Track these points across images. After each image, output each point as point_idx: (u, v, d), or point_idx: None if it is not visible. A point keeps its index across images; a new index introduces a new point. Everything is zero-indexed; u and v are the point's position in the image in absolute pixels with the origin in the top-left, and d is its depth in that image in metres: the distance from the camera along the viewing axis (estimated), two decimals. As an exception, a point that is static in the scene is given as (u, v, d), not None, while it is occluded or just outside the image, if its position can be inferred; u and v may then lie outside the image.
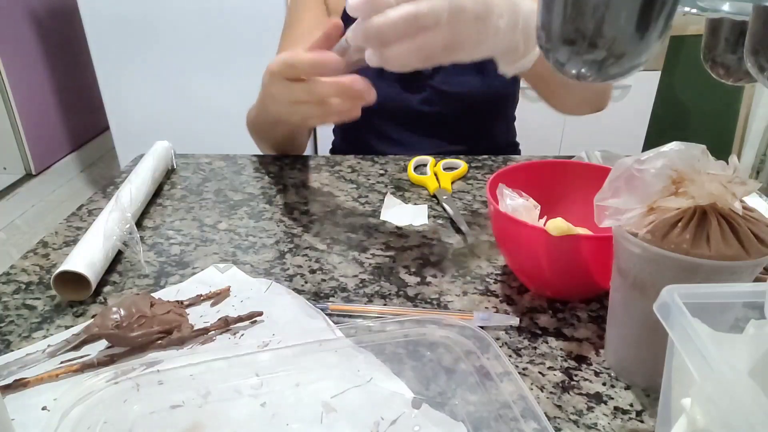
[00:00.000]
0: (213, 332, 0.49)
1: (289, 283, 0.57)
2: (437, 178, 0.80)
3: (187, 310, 0.52)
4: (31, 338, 0.49)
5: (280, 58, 0.55)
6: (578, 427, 0.40)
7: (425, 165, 0.85)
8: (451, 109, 0.95)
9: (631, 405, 0.42)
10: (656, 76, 1.87)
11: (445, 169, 0.84)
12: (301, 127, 0.86)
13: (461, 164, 0.84)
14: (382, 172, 0.85)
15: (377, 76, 0.70)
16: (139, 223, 0.69)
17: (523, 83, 0.92)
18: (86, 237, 0.59)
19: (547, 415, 0.40)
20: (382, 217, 0.70)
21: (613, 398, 0.43)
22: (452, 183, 0.80)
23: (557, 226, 0.48)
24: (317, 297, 0.55)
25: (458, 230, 0.67)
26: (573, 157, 0.87)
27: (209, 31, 1.84)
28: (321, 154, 0.93)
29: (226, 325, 0.49)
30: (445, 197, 0.74)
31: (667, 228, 0.38)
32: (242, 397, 0.41)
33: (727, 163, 0.37)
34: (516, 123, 1.09)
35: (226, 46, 1.85)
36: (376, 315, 0.52)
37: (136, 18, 1.83)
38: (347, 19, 0.50)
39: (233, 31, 1.83)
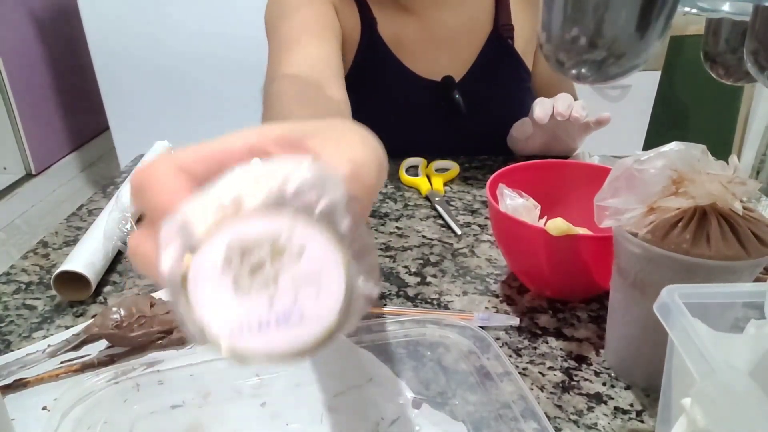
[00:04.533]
0: (213, 332, 0.49)
1: (289, 283, 0.57)
2: (429, 180, 0.80)
3: (187, 310, 0.52)
4: (31, 338, 0.49)
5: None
6: (578, 427, 0.40)
7: (417, 167, 0.84)
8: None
9: (632, 405, 0.42)
10: (656, 76, 1.87)
11: (436, 170, 0.83)
12: None
13: (453, 165, 0.84)
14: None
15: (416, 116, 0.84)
16: (139, 223, 0.69)
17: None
18: (86, 237, 0.59)
19: (547, 415, 0.40)
20: None
21: (613, 398, 0.43)
22: (444, 184, 0.80)
23: (557, 226, 0.48)
24: (317, 297, 0.55)
25: (454, 232, 0.67)
26: (571, 156, 0.87)
27: (209, 30, 1.84)
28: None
29: (226, 325, 0.49)
30: (437, 199, 0.74)
31: (667, 228, 0.38)
32: (242, 397, 0.41)
33: (727, 163, 0.37)
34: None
35: (227, 45, 1.85)
36: (377, 315, 0.52)
37: (136, 18, 1.83)
38: None
39: (233, 30, 1.83)
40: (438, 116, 0.88)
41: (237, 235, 0.18)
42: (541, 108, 0.77)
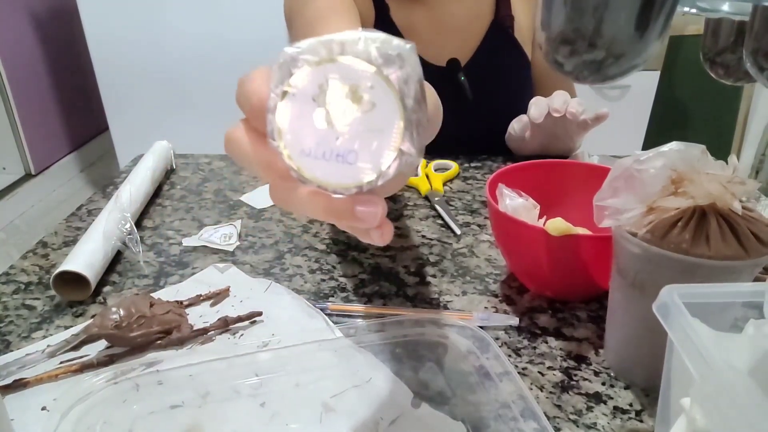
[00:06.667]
0: (212, 332, 0.49)
1: (288, 283, 0.57)
2: (428, 180, 0.80)
3: (187, 310, 0.52)
4: (30, 338, 0.49)
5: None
6: (578, 426, 0.40)
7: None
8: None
9: (631, 405, 0.42)
10: (656, 76, 1.87)
11: (436, 170, 0.83)
12: None
13: (452, 165, 0.84)
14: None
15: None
16: (138, 223, 0.69)
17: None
18: (86, 237, 0.59)
19: (546, 415, 0.40)
20: (243, 198, 0.76)
21: (612, 398, 0.43)
22: (444, 184, 0.80)
23: (557, 226, 0.48)
24: (317, 297, 0.55)
25: (453, 232, 0.67)
26: (571, 156, 0.87)
27: (209, 30, 1.84)
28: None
29: (225, 325, 0.49)
30: (437, 198, 0.74)
31: (667, 228, 0.38)
32: (242, 397, 0.41)
33: (727, 162, 0.37)
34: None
35: (227, 45, 1.85)
36: (376, 315, 0.52)
37: (136, 18, 1.83)
38: None
39: (233, 30, 1.83)
40: (445, 100, 0.87)
41: (330, 76, 0.22)
42: (536, 108, 0.78)
